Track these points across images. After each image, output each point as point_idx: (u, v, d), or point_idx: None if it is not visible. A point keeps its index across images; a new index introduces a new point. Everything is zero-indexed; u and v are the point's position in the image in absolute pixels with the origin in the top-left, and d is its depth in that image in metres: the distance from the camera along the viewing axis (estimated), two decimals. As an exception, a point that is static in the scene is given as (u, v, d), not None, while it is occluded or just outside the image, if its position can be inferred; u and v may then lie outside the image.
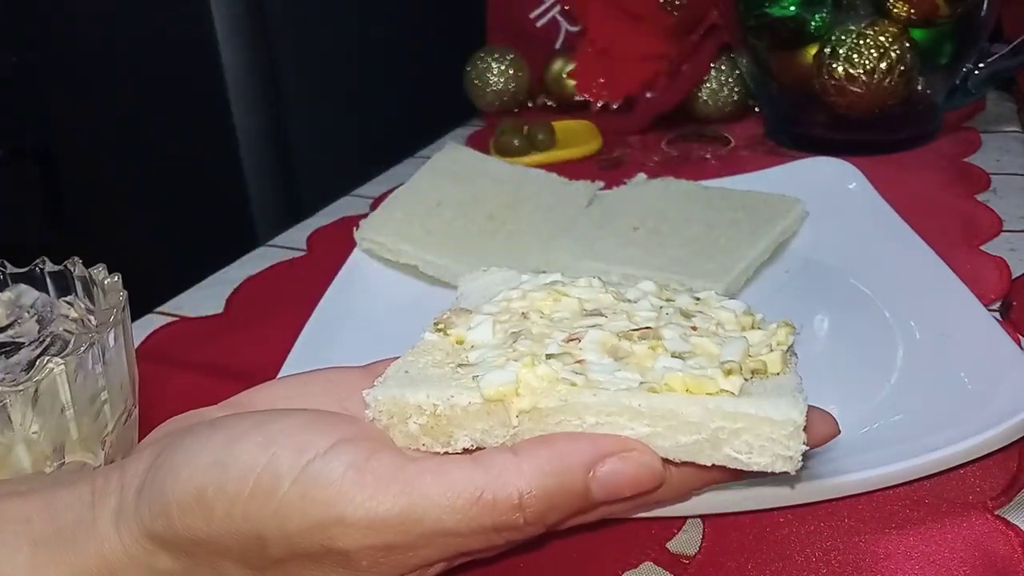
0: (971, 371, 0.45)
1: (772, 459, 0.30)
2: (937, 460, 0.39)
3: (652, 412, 0.30)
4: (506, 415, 0.31)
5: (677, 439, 0.30)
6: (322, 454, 0.29)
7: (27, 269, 0.46)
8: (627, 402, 0.30)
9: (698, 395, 0.30)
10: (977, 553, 0.37)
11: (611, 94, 0.96)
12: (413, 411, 0.32)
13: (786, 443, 0.29)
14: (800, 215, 0.65)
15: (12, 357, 0.42)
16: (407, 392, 0.32)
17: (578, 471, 0.29)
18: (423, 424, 0.32)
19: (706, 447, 0.30)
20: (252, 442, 0.30)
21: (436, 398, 0.32)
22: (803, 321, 0.55)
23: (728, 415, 0.29)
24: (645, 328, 0.35)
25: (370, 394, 0.33)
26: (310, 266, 0.72)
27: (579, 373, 0.32)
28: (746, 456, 0.30)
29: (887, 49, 0.76)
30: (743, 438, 0.30)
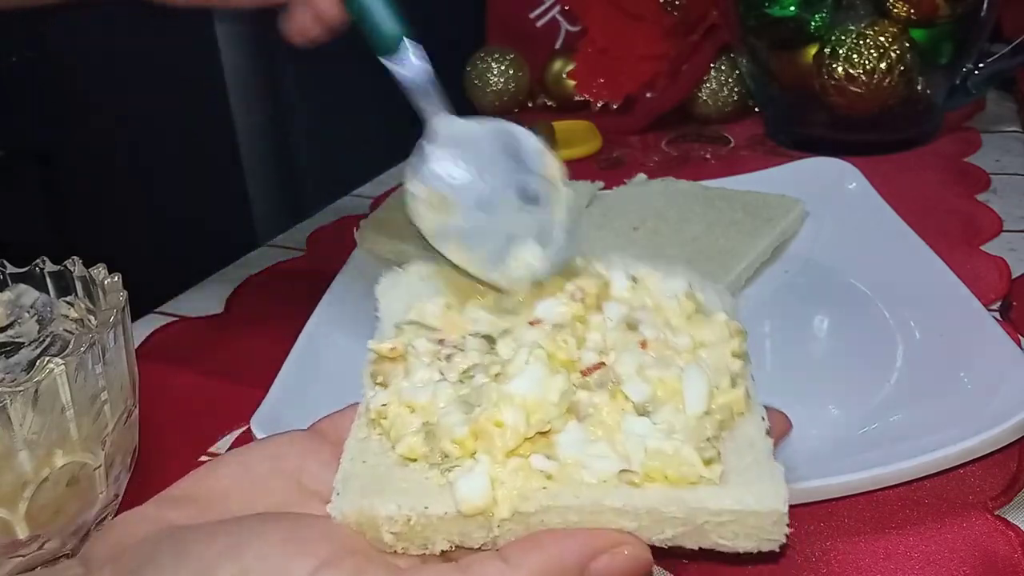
0: (971, 371, 0.45)
1: (758, 543, 0.30)
2: (937, 460, 0.39)
3: (635, 510, 0.30)
4: (486, 521, 0.30)
5: (663, 531, 0.30)
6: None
7: (27, 269, 0.46)
8: (609, 503, 0.30)
9: (679, 486, 0.30)
10: (977, 553, 0.37)
11: (611, 94, 0.96)
12: (384, 522, 0.30)
13: (771, 530, 0.30)
14: (800, 215, 0.65)
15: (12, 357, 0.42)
16: (375, 503, 0.30)
17: (572, 572, 0.29)
18: (397, 533, 0.30)
19: (693, 536, 0.30)
20: (227, 573, 0.28)
21: (408, 508, 0.30)
22: (803, 321, 0.55)
23: (712, 512, 0.29)
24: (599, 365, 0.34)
25: (335, 508, 0.31)
26: (310, 266, 0.72)
27: (550, 458, 0.31)
28: (732, 542, 0.30)
29: (887, 49, 0.76)
30: (729, 528, 0.30)
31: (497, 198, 0.40)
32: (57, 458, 0.38)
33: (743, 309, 0.57)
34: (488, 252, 0.39)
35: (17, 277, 0.46)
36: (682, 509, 0.29)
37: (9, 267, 0.46)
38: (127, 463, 0.43)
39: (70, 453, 0.38)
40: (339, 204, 0.85)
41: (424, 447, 0.32)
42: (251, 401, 0.47)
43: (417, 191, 0.40)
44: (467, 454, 0.31)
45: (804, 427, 0.44)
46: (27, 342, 0.43)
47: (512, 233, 0.39)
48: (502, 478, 0.30)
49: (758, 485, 0.30)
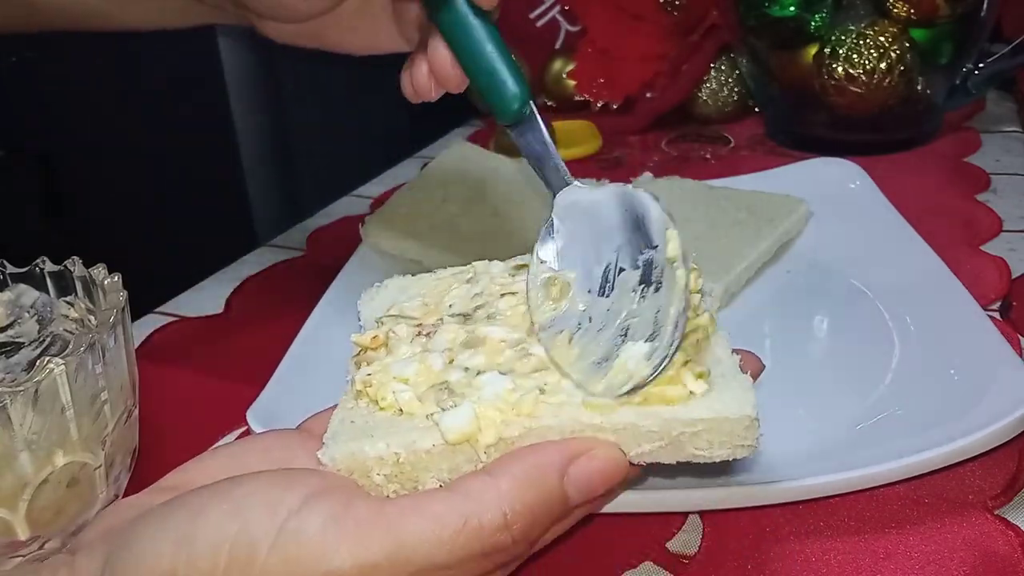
0: (969, 370, 0.45)
1: (732, 450, 0.31)
2: (933, 458, 0.39)
3: (614, 426, 0.31)
4: (472, 452, 0.31)
5: (640, 447, 0.31)
6: (296, 511, 0.28)
7: (27, 269, 0.46)
8: (588, 420, 0.31)
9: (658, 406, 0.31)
10: (977, 553, 0.37)
11: (611, 94, 0.96)
12: (374, 464, 0.31)
13: (743, 435, 0.31)
14: (804, 215, 0.65)
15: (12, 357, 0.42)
16: (364, 445, 0.31)
17: (553, 477, 0.30)
18: (387, 474, 0.31)
19: (669, 450, 0.31)
20: (218, 511, 0.28)
21: (397, 446, 0.31)
22: (802, 321, 0.55)
23: (687, 422, 0.31)
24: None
25: (325, 454, 0.32)
26: (310, 266, 0.72)
27: (541, 389, 0.32)
28: (707, 452, 0.31)
29: (887, 49, 0.76)
30: (703, 438, 0.31)
31: (615, 278, 0.36)
32: (57, 458, 0.38)
33: (744, 309, 0.57)
34: (597, 350, 0.34)
35: (17, 277, 0.46)
36: (658, 423, 0.31)
37: (9, 267, 0.46)
38: (127, 463, 0.43)
39: (70, 453, 0.38)
40: (339, 204, 0.85)
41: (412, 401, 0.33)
42: (251, 401, 0.47)
43: (537, 277, 0.37)
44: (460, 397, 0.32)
45: (803, 425, 0.45)
46: (27, 342, 0.43)
47: (626, 326, 0.35)
48: (489, 414, 0.31)
49: (728, 394, 0.31)
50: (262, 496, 0.29)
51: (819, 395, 0.48)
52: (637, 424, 0.31)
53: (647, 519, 0.40)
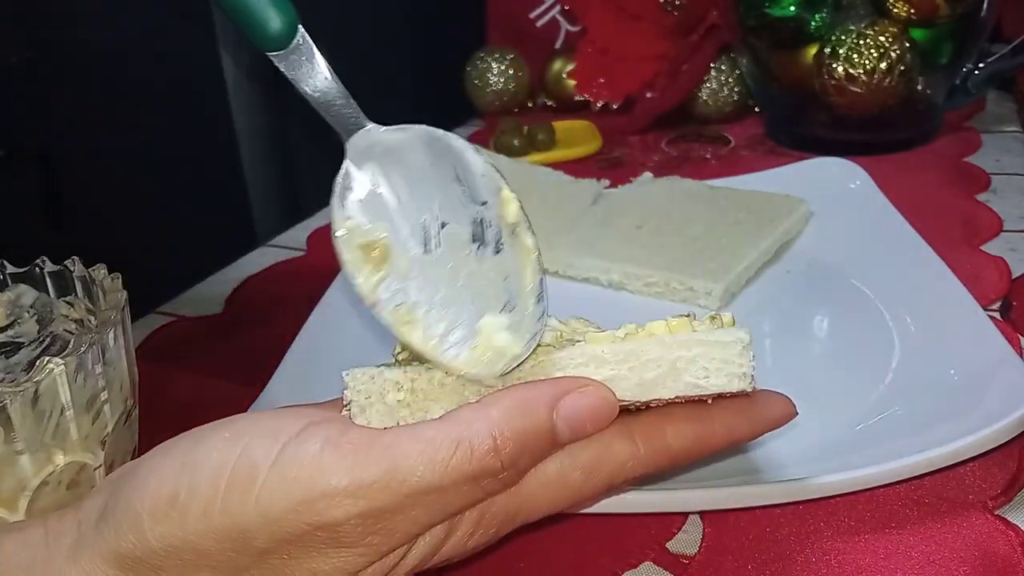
0: (968, 370, 0.45)
1: (728, 378, 0.32)
2: (933, 458, 0.39)
3: (616, 356, 0.32)
4: (481, 386, 0.32)
5: (641, 376, 0.32)
6: (295, 437, 0.29)
7: (27, 269, 0.46)
8: (593, 352, 0.32)
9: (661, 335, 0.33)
10: (977, 553, 0.37)
11: (611, 94, 0.96)
12: (391, 387, 0.32)
13: (738, 361, 0.32)
14: (804, 215, 0.65)
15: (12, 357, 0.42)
16: (384, 369, 0.33)
17: (543, 409, 0.30)
18: (400, 400, 0.32)
19: (668, 379, 0.32)
20: (219, 438, 0.29)
21: (414, 372, 0.32)
22: (803, 321, 0.56)
23: (683, 344, 0.32)
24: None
25: (348, 374, 0.32)
26: (310, 266, 0.72)
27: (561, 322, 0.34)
28: (704, 380, 0.32)
29: (887, 49, 0.76)
30: (699, 364, 0.32)
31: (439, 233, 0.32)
32: (57, 458, 0.38)
33: (744, 309, 0.57)
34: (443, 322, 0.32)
35: (17, 277, 0.46)
36: (656, 348, 0.32)
37: (9, 267, 0.46)
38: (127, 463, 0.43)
39: (70, 453, 0.38)
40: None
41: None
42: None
43: (344, 234, 0.32)
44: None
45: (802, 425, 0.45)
46: (27, 342, 0.43)
47: (475, 295, 0.32)
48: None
49: (725, 330, 0.33)
50: (263, 424, 0.30)
51: (819, 395, 0.47)
52: (638, 352, 0.32)
53: (647, 519, 0.40)
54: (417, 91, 1.13)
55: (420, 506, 0.29)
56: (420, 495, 0.29)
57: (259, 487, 0.28)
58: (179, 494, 0.28)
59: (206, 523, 0.28)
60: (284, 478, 0.28)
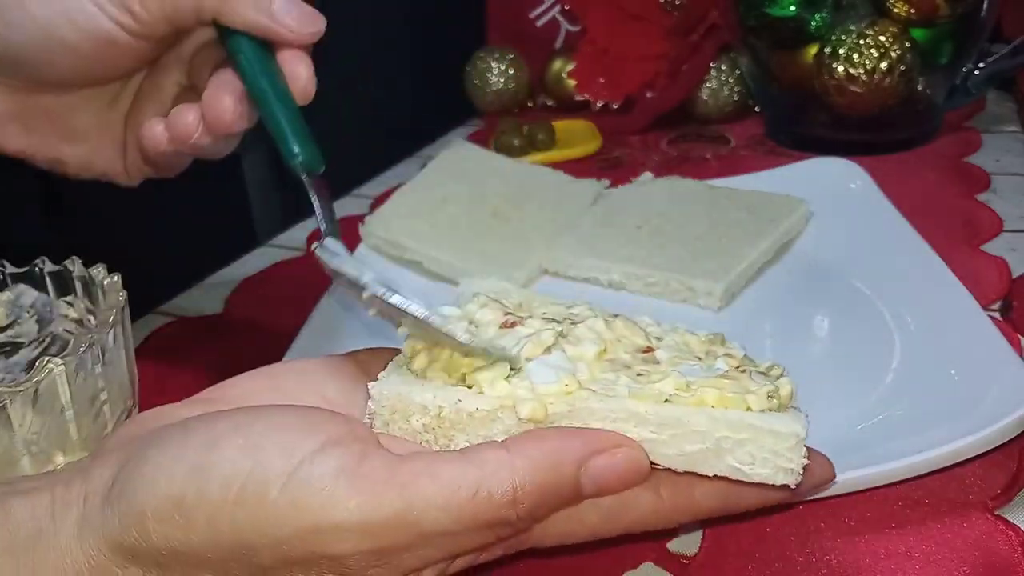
0: (968, 370, 0.45)
1: (774, 471, 0.30)
2: (933, 458, 0.39)
3: (659, 419, 0.30)
4: (513, 421, 0.31)
5: (682, 447, 0.30)
6: (310, 457, 0.28)
7: (27, 269, 0.46)
8: (635, 408, 0.30)
9: (710, 407, 0.30)
10: (977, 553, 0.37)
11: (611, 94, 0.96)
12: (417, 409, 0.32)
13: (788, 456, 0.30)
14: (804, 215, 0.65)
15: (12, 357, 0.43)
16: (413, 390, 0.32)
17: (570, 467, 0.29)
18: (426, 424, 0.32)
19: (709, 456, 0.30)
20: (234, 445, 0.28)
21: (443, 400, 0.31)
22: (803, 321, 0.55)
23: (734, 425, 0.30)
24: (648, 349, 0.34)
25: (375, 387, 0.32)
26: (310, 266, 0.72)
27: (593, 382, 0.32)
28: (748, 467, 0.30)
29: (887, 49, 0.76)
30: (747, 448, 0.30)
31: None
32: (57, 458, 0.38)
33: (744, 309, 0.57)
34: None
35: (17, 277, 0.46)
36: (704, 421, 0.30)
37: (9, 267, 0.46)
38: (127, 463, 0.43)
39: (70, 453, 0.38)
40: (339, 204, 0.84)
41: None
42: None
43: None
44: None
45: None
46: (27, 342, 0.43)
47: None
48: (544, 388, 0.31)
49: (781, 415, 0.30)
50: (279, 436, 0.29)
51: (819, 395, 0.47)
52: (683, 420, 0.30)
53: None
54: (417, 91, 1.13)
55: (430, 546, 0.29)
56: (432, 537, 0.28)
57: (268, 507, 0.27)
58: (186, 498, 0.28)
59: (211, 533, 0.28)
60: (295, 503, 0.27)
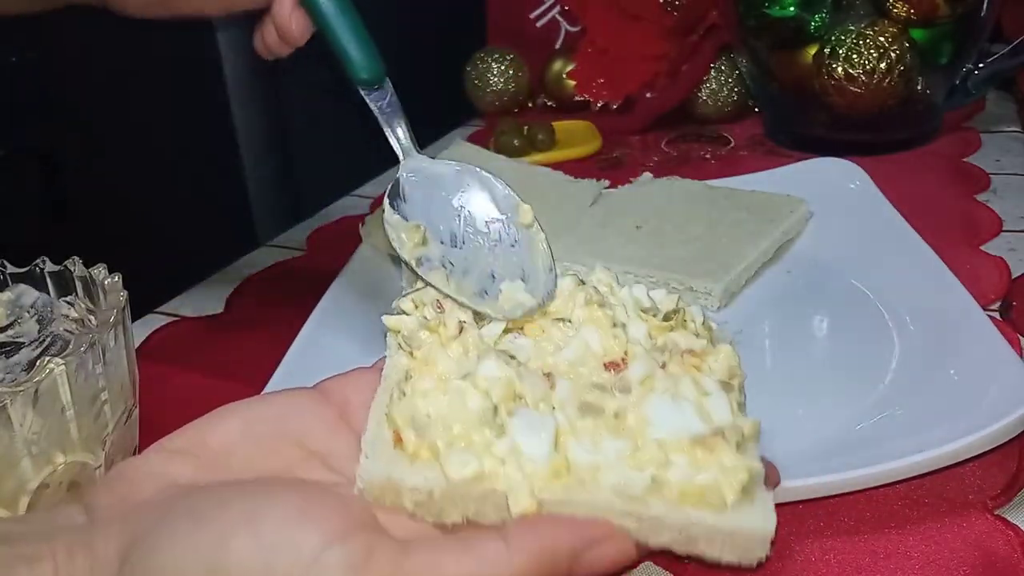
0: (968, 370, 0.45)
1: (741, 556, 0.32)
2: (932, 458, 0.39)
3: (640, 516, 0.32)
4: (503, 503, 0.32)
5: (660, 536, 0.32)
6: (319, 556, 0.29)
7: (27, 269, 0.46)
8: (619, 507, 0.32)
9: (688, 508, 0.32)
10: (977, 553, 0.37)
11: (611, 94, 0.96)
12: (409, 493, 0.32)
13: (756, 548, 0.32)
14: (804, 215, 0.65)
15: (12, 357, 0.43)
16: (404, 475, 0.32)
17: (564, 560, 0.31)
18: (418, 501, 0.32)
19: (683, 543, 0.32)
20: (245, 544, 0.29)
21: (432, 482, 0.32)
22: (802, 321, 0.56)
23: (710, 528, 0.31)
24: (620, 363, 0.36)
25: (364, 471, 0.33)
26: (310, 266, 0.72)
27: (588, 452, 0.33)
28: (718, 554, 0.32)
29: (887, 49, 0.76)
30: (717, 542, 0.32)
31: (468, 238, 0.41)
32: (57, 458, 0.38)
33: (744, 309, 0.58)
34: (473, 283, 0.39)
35: (17, 277, 0.46)
36: (683, 521, 0.31)
37: (9, 267, 0.46)
38: (127, 463, 0.43)
39: (70, 453, 0.38)
40: (339, 204, 0.85)
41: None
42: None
43: (393, 220, 0.41)
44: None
45: (803, 425, 0.45)
46: (27, 342, 0.43)
47: (493, 270, 0.40)
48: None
49: (753, 509, 0.32)
50: (287, 530, 0.29)
51: (819, 395, 0.48)
52: (663, 519, 0.32)
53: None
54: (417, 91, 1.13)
55: None
56: None
57: None
58: None
59: None
60: None
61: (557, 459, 0.32)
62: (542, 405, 0.34)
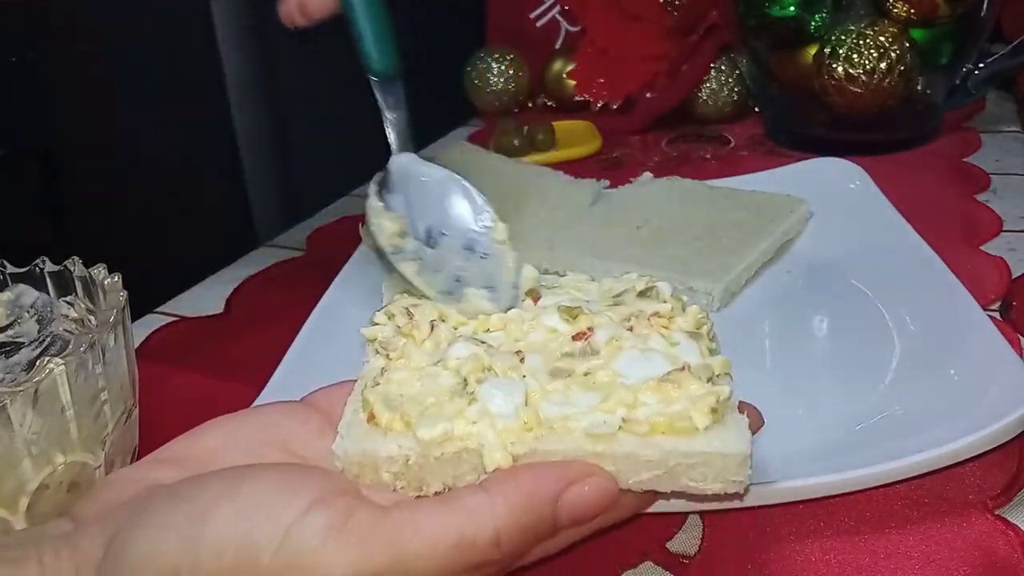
0: (968, 370, 0.45)
1: (724, 484, 0.32)
2: (932, 458, 0.39)
3: (614, 455, 0.32)
4: (478, 461, 0.32)
5: (639, 475, 0.32)
6: (299, 519, 0.29)
7: (27, 269, 0.46)
8: (591, 448, 0.32)
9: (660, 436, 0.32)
10: (977, 553, 0.37)
11: (611, 94, 0.96)
12: (384, 463, 0.32)
13: (736, 471, 0.32)
14: (804, 215, 0.65)
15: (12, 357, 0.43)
16: (377, 445, 0.32)
17: (546, 503, 0.31)
18: (396, 472, 0.32)
19: (665, 479, 0.32)
20: (223, 513, 0.29)
21: (407, 449, 0.32)
22: (802, 321, 0.56)
23: (685, 454, 0.32)
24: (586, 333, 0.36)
25: (339, 447, 0.33)
26: (310, 266, 0.72)
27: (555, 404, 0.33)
28: (701, 484, 0.32)
29: (887, 49, 0.76)
30: (698, 470, 0.32)
31: (442, 241, 0.44)
32: (57, 458, 0.38)
33: (744, 309, 0.57)
34: (441, 283, 0.41)
35: (17, 277, 0.46)
36: (657, 453, 0.32)
37: (9, 267, 0.46)
38: (127, 463, 0.43)
39: (70, 453, 0.38)
40: (339, 204, 0.85)
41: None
42: (251, 401, 0.47)
43: (376, 206, 0.44)
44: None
45: (803, 425, 0.45)
46: (27, 342, 0.43)
47: (460, 274, 0.42)
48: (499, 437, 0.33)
49: (726, 431, 0.32)
50: (267, 500, 0.29)
51: (819, 395, 0.48)
52: (637, 453, 0.32)
53: (647, 519, 0.40)
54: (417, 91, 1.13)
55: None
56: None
57: (263, 572, 0.28)
58: (180, 570, 0.28)
59: None
60: (287, 566, 0.28)
61: (528, 413, 0.33)
62: (512, 373, 0.34)
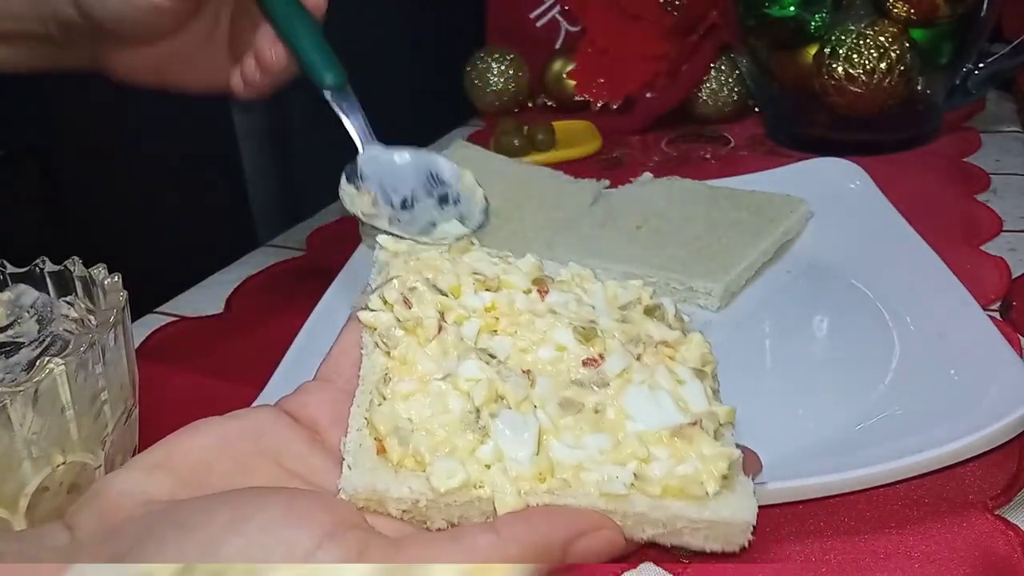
0: (968, 370, 0.45)
1: (724, 544, 0.33)
2: (932, 458, 0.39)
3: (623, 513, 0.32)
4: (490, 508, 0.32)
5: (644, 530, 0.32)
6: (312, 555, 0.28)
7: (27, 269, 0.46)
8: (603, 506, 0.32)
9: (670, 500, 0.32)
10: (977, 553, 0.37)
11: (611, 94, 0.96)
12: (393, 502, 0.32)
13: (738, 536, 0.32)
14: (804, 216, 0.65)
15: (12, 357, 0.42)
16: (388, 485, 0.32)
17: (556, 550, 0.31)
18: (404, 511, 0.32)
19: (668, 536, 0.33)
20: (235, 548, 0.28)
21: (418, 493, 0.32)
22: (802, 321, 0.56)
23: (691, 520, 0.32)
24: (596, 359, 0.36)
25: (347, 483, 0.32)
26: (310, 266, 0.72)
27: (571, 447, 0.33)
28: (702, 543, 0.33)
29: (887, 49, 0.76)
30: (701, 533, 0.32)
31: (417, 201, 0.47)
32: (57, 458, 0.38)
33: (744, 309, 0.58)
34: (415, 229, 0.45)
35: (17, 277, 0.46)
36: (666, 515, 0.32)
37: (9, 267, 0.46)
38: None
39: (70, 453, 0.38)
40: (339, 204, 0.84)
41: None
42: (251, 401, 0.47)
43: (348, 188, 0.47)
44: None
45: (803, 425, 0.45)
46: (27, 342, 0.43)
47: (435, 220, 0.46)
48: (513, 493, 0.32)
49: (733, 499, 0.32)
50: (277, 536, 0.29)
51: (819, 395, 0.48)
52: (646, 514, 0.32)
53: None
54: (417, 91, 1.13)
55: None
56: None
57: None
58: None
59: None
60: None
61: (541, 460, 0.32)
62: (524, 405, 0.34)
